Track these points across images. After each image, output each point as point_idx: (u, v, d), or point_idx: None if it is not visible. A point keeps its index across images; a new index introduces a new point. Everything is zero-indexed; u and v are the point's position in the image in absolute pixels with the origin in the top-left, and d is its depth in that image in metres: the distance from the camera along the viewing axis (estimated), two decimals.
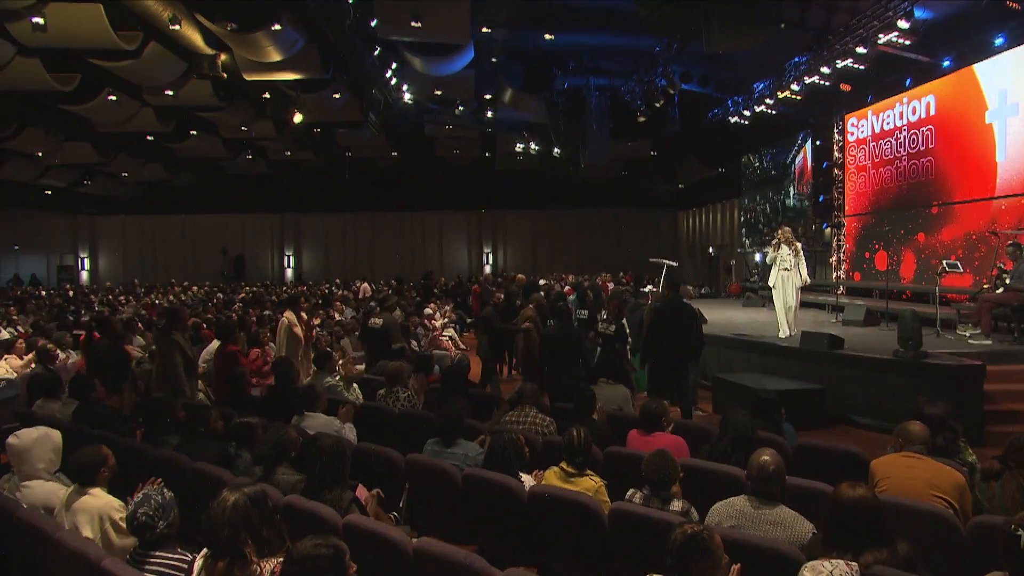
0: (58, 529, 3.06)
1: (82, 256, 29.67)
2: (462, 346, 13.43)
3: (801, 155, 17.76)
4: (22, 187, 22.69)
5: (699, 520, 3.34)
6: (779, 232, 10.06)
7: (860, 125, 15.33)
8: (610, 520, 3.38)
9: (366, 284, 20.80)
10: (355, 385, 6.97)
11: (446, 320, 14.12)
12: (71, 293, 20.90)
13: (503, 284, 16.40)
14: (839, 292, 14.95)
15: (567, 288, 13.32)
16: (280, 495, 3.53)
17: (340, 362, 7.00)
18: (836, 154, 16.30)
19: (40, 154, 19.52)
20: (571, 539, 3.55)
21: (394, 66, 15.79)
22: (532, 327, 8.38)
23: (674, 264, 12.40)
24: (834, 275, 16.06)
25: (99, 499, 3.37)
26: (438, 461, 4.15)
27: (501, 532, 3.91)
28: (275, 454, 3.80)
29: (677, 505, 3.39)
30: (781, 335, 9.57)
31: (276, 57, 13.23)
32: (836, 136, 16.29)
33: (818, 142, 16.93)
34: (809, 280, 9.87)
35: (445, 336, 12.76)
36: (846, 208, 16.00)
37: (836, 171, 16.32)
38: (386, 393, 6.01)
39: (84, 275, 29.40)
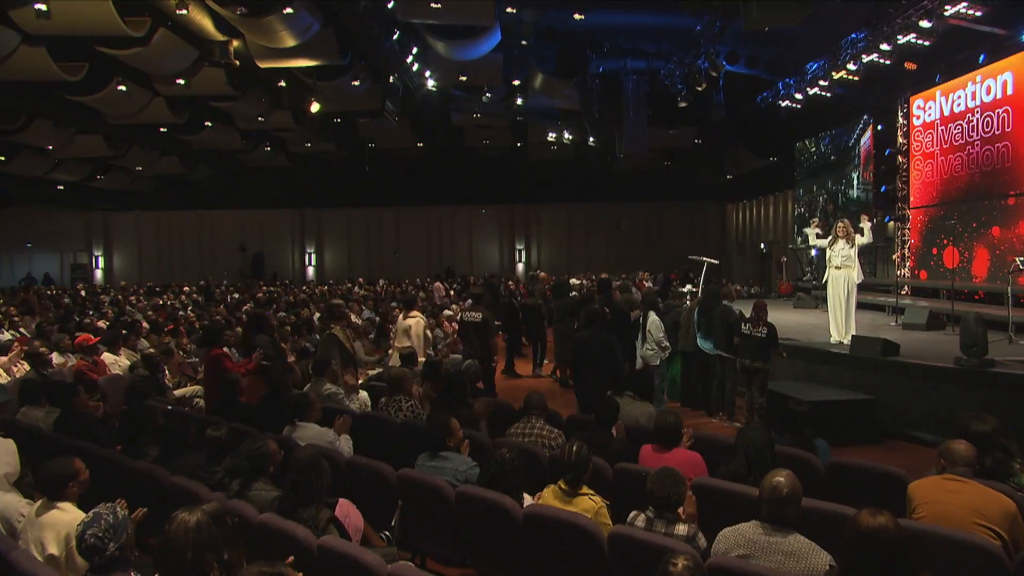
0: (12, 549, 3.07)
1: (96, 254, 30.48)
2: None
3: (867, 137, 17.14)
4: (33, 182, 23.40)
5: (707, 547, 3.23)
6: (837, 225, 9.77)
7: (927, 107, 14.88)
8: (609, 544, 3.29)
9: (439, 284, 20.89)
10: (360, 392, 6.97)
11: None
12: (83, 293, 21.41)
13: (528, 283, 16.36)
14: (902, 292, 14.53)
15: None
16: (255, 512, 3.53)
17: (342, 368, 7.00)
18: (900, 140, 15.85)
19: (50, 148, 20.06)
20: (568, 564, 3.47)
21: (415, 51, 15.80)
22: None
23: (715, 262, 12.20)
24: (897, 273, 15.60)
25: (68, 514, 3.38)
26: (430, 477, 4.10)
27: (496, 554, 3.85)
28: (251, 467, 3.78)
29: (682, 529, 3.29)
30: (832, 340, 9.31)
31: (290, 42, 13.33)
32: (900, 120, 15.83)
33: (880, 127, 16.46)
34: (860, 278, 9.43)
35: None
36: (911, 199, 15.54)
37: (900, 158, 15.87)
38: (387, 401, 5.98)
39: (98, 274, 30.19)
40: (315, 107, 17.64)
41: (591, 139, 21.13)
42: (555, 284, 11.59)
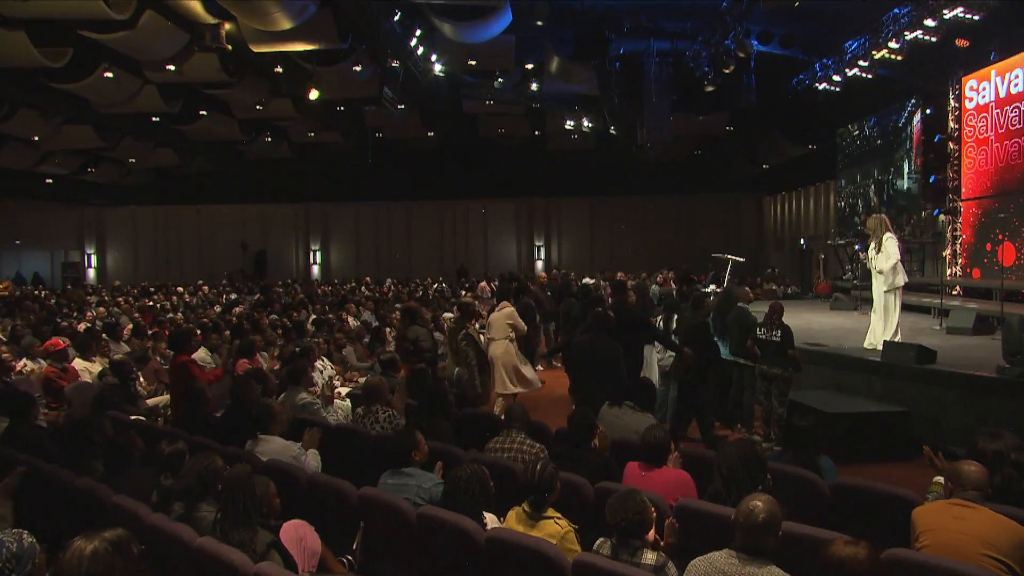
0: None
1: (89, 252, 30.82)
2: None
3: (917, 120, 16.70)
4: (21, 176, 23.74)
5: None
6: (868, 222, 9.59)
7: (981, 89, 14.60)
8: (573, 573, 3.22)
9: (484, 283, 20.95)
10: (341, 401, 6.96)
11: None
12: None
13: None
14: (954, 292, 14.26)
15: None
16: (194, 536, 3.50)
17: (321, 375, 6.99)
18: (951, 124, 15.56)
19: (37, 139, 20.34)
20: None
21: (418, 33, 15.77)
22: None
23: (740, 259, 12.07)
24: (948, 271, 15.30)
25: None
26: (391, 497, 4.06)
27: None
28: (197, 487, 3.75)
29: (650, 557, 3.22)
30: (865, 345, 9.13)
31: (285, 25, 13.34)
32: (951, 103, 15.55)
33: (928, 111, 16.15)
34: (887, 280, 9.03)
35: None
36: (963, 190, 15.24)
37: (951, 145, 15.58)
38: (364, 412, 5.96)
39: (91, 272, 30.55)
40: (314, 94, 17.68)
41: (612, 128, 21.00)
42: (559, 285, 11.52)
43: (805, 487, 4.21)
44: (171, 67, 15.91)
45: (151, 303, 17.64)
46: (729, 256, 11.81)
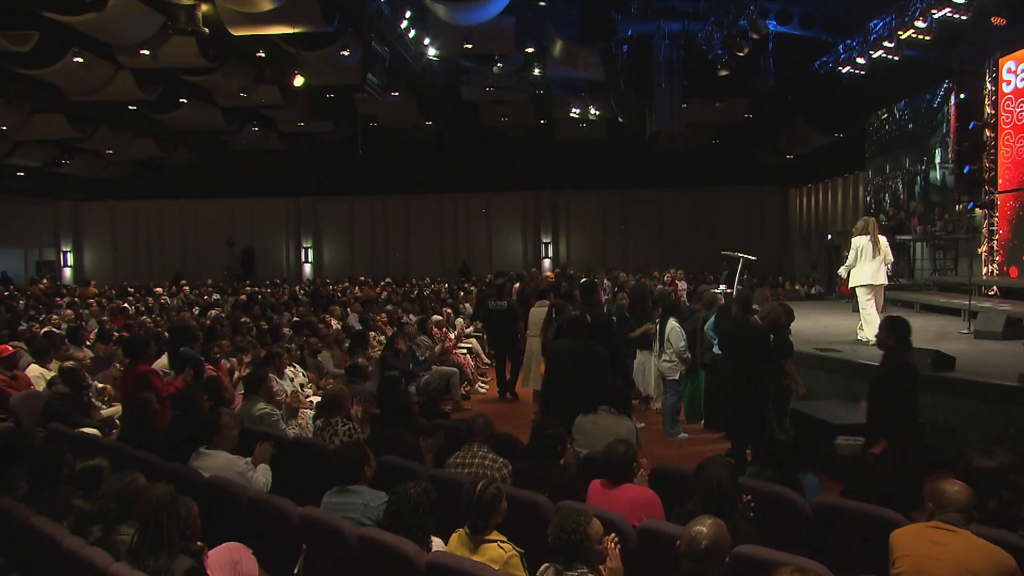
0: None
1: (64, 250, 30.99)
2: (487, 361, 13.36)
3: (950, 106, 16.46)
4: None
5: None
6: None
7: (1019, 71, 14.42)
8: None
9: (518, 285, 21.02)
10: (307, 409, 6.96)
11: (470, 328, 14.08)
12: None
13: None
14: (990, 292, 14.13)
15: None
16: (109, 561, 3.49)
17: (291, 383, 6.99)
18: (988, 110, 15.37)
19: (5, 128, 20.47)
20: None
21: (409, 14, 15.76)
22: None
23: (752, 257, 12.01)
24: (984, 270, 15.14)
25: None
26: (332, 517, 4.04)
27: None
28: (116, 508, 3.74)
29: None
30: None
31: (266, 6, 13.38)
32: (988, 86, 15.35)
33: (962, 95, 15.97)
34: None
35: (462, 349, 12.70)
36: (999, 181, 15.07)
37: (988, 132, 15.39)
38: (323, 425, 5.96)
39: (67, 272, 30.71)
40: (299, 81, 17.68)
41: (620, 117, 20.92)
42: (543, 286, 11.51)
43: (784, 506, 4.17)
44: (145, 51, 15.96)
45: (124, 304, 17.69)
46: (740, 254, 11.74)
